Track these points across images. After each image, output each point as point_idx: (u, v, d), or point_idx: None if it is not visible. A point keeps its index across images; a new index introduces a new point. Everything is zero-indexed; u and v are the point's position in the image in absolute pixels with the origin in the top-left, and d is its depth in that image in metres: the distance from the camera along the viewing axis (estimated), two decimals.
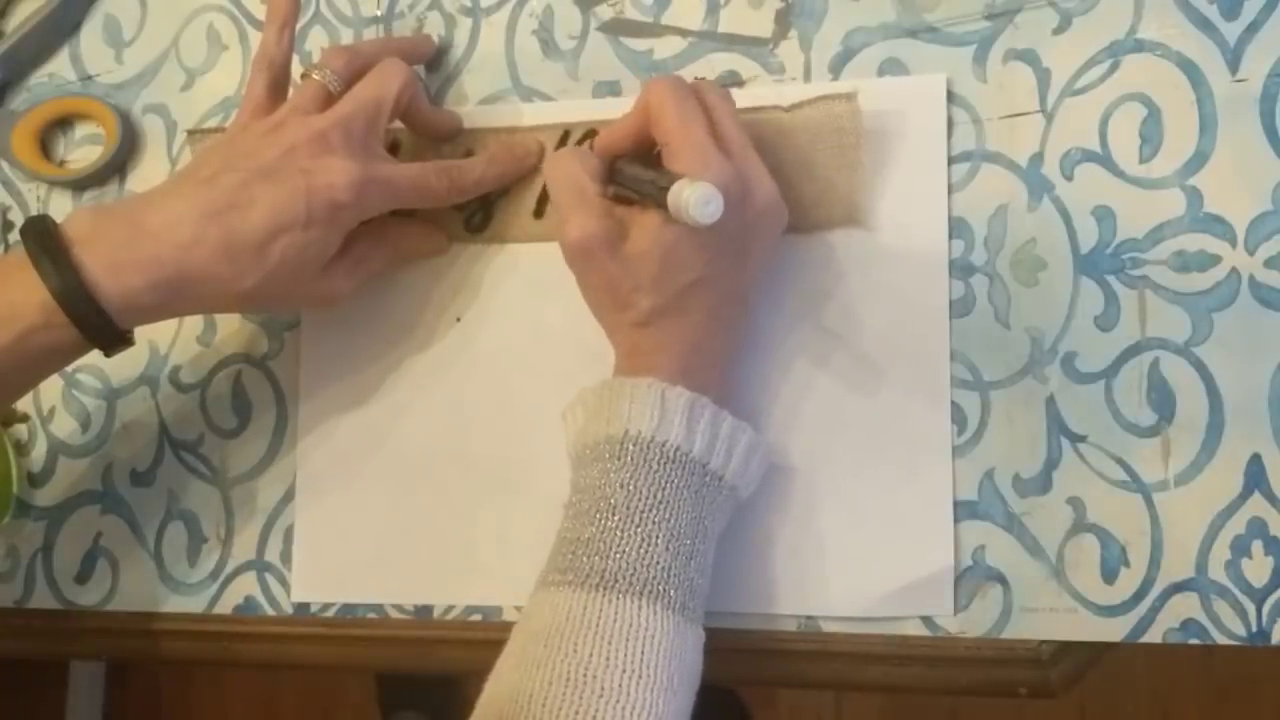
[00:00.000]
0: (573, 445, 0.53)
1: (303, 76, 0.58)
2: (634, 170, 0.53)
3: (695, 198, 0.47)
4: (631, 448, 0.50)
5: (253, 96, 0.58)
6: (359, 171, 0.54)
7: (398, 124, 0.59)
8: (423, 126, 0.60)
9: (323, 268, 0.56)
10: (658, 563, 0.49)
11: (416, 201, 0.58)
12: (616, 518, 0.49)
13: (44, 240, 0.52)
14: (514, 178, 0.60)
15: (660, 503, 0.49)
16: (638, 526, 0.49)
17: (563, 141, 0.60)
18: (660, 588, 0.48)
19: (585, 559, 0.49)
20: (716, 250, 0.51)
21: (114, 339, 0.53)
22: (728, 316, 0.53)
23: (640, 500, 0.49)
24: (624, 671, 0.46)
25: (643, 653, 0.47)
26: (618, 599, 0.48)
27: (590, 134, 0.59)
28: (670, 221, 0.50)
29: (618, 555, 0.48)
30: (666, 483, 0.50)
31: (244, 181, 0.53)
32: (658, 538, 0.49)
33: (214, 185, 0.53)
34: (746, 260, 0.53)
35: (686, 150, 0.50)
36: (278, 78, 0.58)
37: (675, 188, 0.48)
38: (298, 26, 0.64)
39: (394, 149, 0.62)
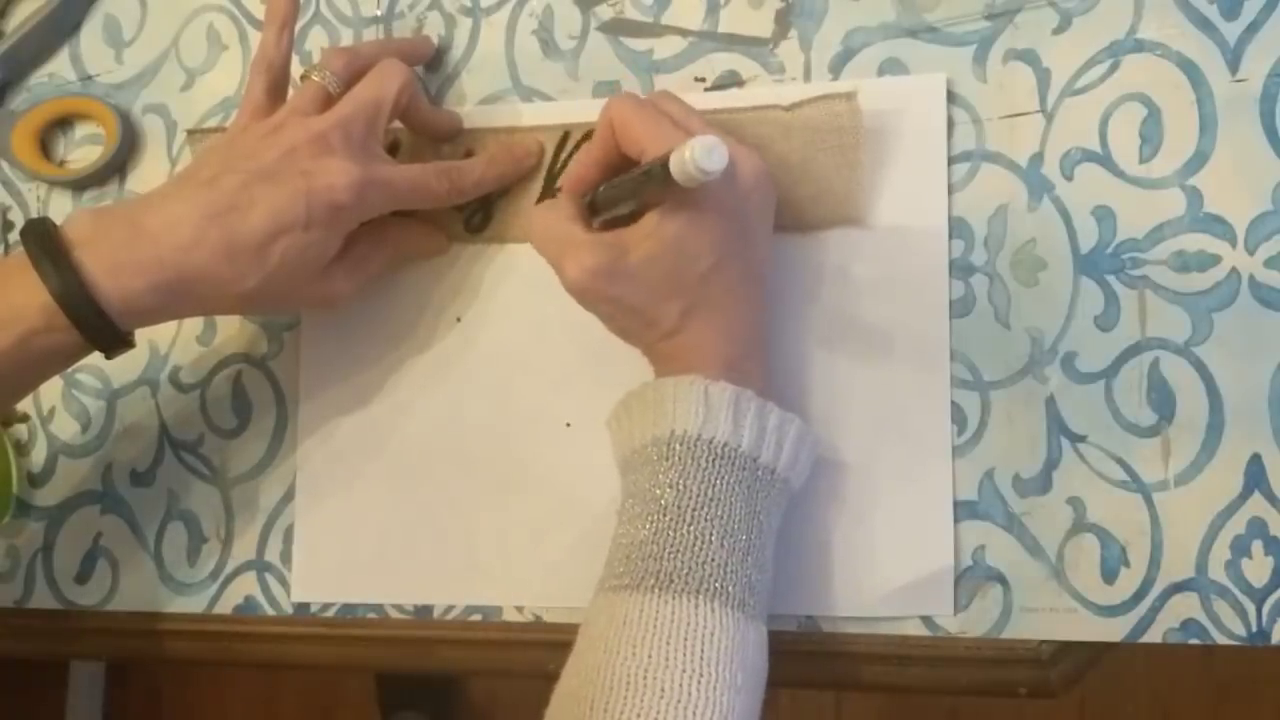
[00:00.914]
0: (620, 451, 0.53)
1: (302, 78, 0.58)
2: (616, 181, 0.52)
3: (699, 148, 0.46)
4: (679, 447, 0.50)
5: (252, 98, 0.58)
6: (359, 173, 0.54)
7: (397, 124, 0.59)
8: (422, 127, 0.60)
9: (323, 269, 0.56)
10: (713, 559, 0.48)
11: (417, 202, 0.58)
12: (668, 518, 0.49)
13: (44, 242, 0.52)
14: (514, 178, 0.60)
15: (711, 500, 0.49)
16: (690, 525, 0.48)
17: (562, 142, 0.60)
18: (717, 585, 0.48)
19: (640, 561, 0.48)
20: (720, 233, 0.51)
21: (115, 341, 0.53)
22: (751, 297, 0.53)
23: (690, 499, 0.49)
24: (684, 671, 0.45)
25: (702, 651, 0.46)
26: (674, 599, 0.47)
27: (590, 136, 0.59)
28: (666, 222, 0.50)
29: (671, 555, 0.48)
30: (717, 479, 0.49)
31: (244, 183, 0.53)
32: (711, 535, 0.48)
33: (214, 187, 0.53)
34: (752, 236, 0.52)
35: (665, 140, 0.50)
36: (277, 79, 0.58)
37: (675, 153, 0.47)
38: (297, 27, 0.64)
39: (394, 149, 0.62)
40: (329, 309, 0.60)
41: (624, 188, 0.52)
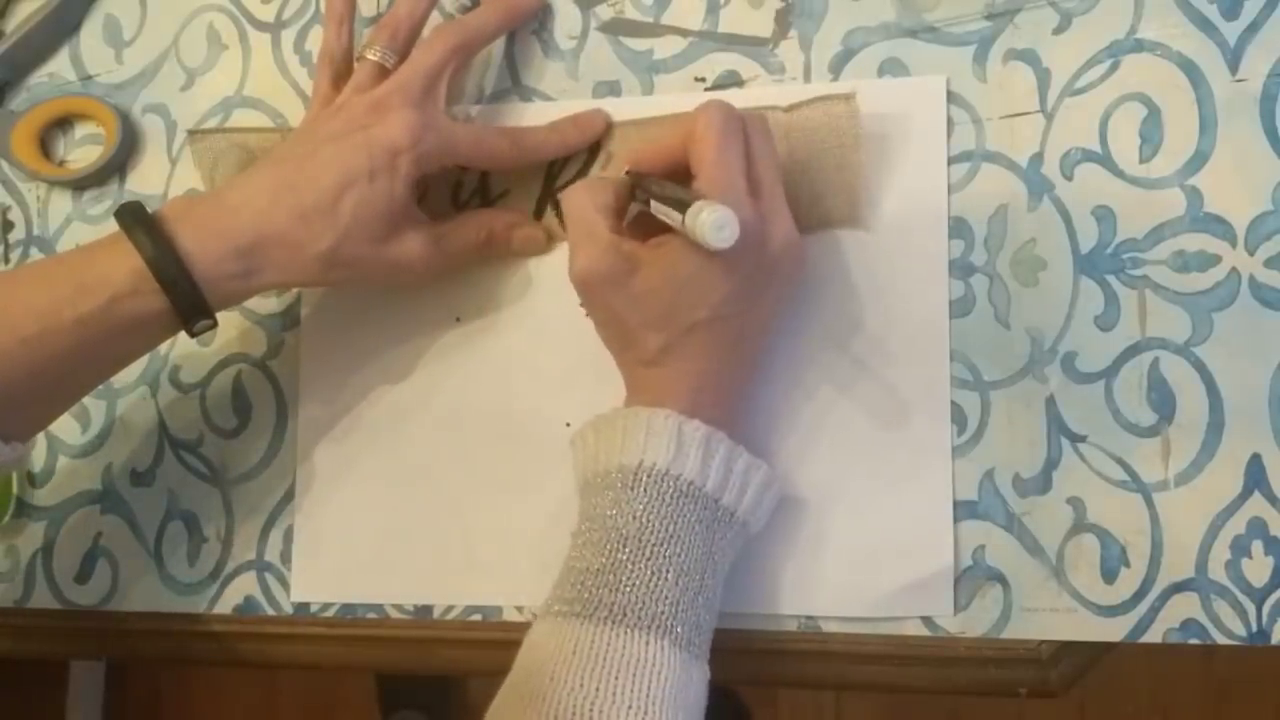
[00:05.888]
0: (583, 471, 0.53)
1: (357, 59, 0.59)
2: (660, 185, 0.52)
3: (711, 221, 0.46)
4: (645, 479, 0.50)
5: (320, 90, 0.60)
6: (416, 118, 0.55)
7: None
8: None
9: (395, 227, 0.56)
10: (666, 597, 0.48)
11: (479, 158, 0.59)
12: (628, 550, 0.49)
13: (139, 215, 0.54)
14: (577, 147, 0.60)
15: (671, 537, 0.49)
16: (648, 560, 0.49)
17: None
18: (668, 623, 0.48)
19: (594, 590, 0.48)
20: (730, 289, 0.51)
21: (198, 310, 0.54)
22: (742, 354, 0.53)
23: (652, 533, 0.49)
24: (629, 708, 0.45)
25: (648, 690, 0.46)
26: (626, 633, 0.47)
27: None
28: (683, 258, 0.50)
29: (627, 588, 0.48)
30: (679, 516, 0.50)
31: (312, 150, 0.55)
32: (668, 572, 0.49)
33: (286, 160, 0.56)
34: (763, 299, 0.52)
35: (718, 182, 0.50)
36: (339, 70, 0.60)
37: (694, 208, 0.47)
38: (297, 28, 0.64)
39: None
40: (410, 281, 0.59)
41: (666, 195, 0.51)
